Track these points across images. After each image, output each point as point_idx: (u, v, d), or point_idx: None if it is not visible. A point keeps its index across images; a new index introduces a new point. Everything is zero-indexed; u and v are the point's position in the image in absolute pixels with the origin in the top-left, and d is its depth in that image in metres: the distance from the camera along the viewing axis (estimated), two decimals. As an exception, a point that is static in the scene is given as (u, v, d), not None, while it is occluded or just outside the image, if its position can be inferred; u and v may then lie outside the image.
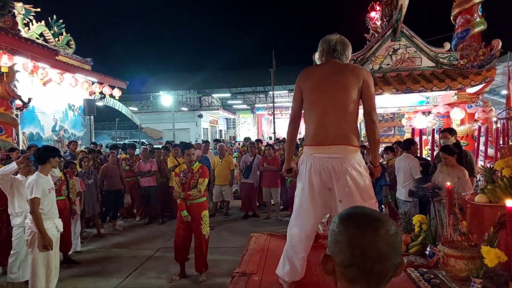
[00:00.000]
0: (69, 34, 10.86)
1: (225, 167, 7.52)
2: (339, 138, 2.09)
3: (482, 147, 6.97)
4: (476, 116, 7.70)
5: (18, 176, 4.03)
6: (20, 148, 7.96)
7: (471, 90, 7.41)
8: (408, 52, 7.59)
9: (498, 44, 7.04)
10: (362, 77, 2.13)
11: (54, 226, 3.68)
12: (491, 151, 6.71)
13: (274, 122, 15.76)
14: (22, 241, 4.02)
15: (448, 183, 2.72)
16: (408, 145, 5.12)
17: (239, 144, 10.89)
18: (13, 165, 3.92)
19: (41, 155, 3.68)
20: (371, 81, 2.19)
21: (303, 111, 2.33)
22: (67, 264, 4.98)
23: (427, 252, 2.74)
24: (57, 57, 8.69)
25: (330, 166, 2.08)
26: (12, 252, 4.09)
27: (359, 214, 0.86)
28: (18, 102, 7.66)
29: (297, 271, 2.21)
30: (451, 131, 5.29)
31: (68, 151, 7.86)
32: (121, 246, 5.78)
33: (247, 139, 10.57)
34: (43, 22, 9.68)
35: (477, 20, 7.68)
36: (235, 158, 9.51)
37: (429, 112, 8.88)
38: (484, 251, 2.04)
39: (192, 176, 4.32)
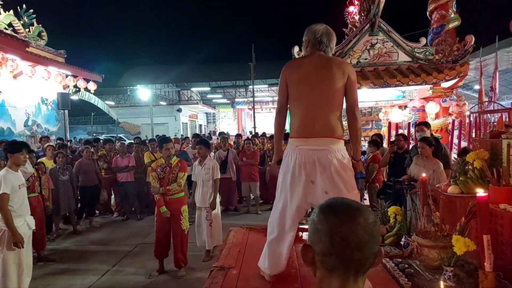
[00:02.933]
0: (40, 25, 10.39)
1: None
2: (324, 130, 2.11)
3: (455, 140, 7.21)
4: (450, 110, 7.95)
5: None
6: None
7: (445, 84, 7.63)
8: (385, 47, 7.72)
9: (471, 39, 7.26)
10: (347, 72, 2.15)
11: (25, 223, 3.53)
12: (464, 144, 6.95)
13: (254, 117, 15.74)
14: None
15: (424, 175, 2.79)
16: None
17: (217, 138, 10.76)
18: None
19: (8, 150, 3.50)
20: (354, 77, 2.21)
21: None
22: (42, 263, 4.83)
23: (402, 243, 2.81)
24: (27, 49, 8.31)
25: (315, 158, 2.10)
26: None
27: (339, 204, 0.88)
28: (-15, 95, 7.31)
29: (279, 264, 2.22)
30: (426, 125, 5.42)
31: (41, 147, 7.58)
32: (98, 243, 5.65)
33: (221, 134, 10.48)
34: (11, 11, 9.21)
35: (452, 16, 7.89)
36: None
37: (405, 106, 9.10)
38: (454, 240, 2.10)
39: (171, 170, 4.24)
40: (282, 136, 2.49)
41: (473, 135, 6.79)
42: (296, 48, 7.52)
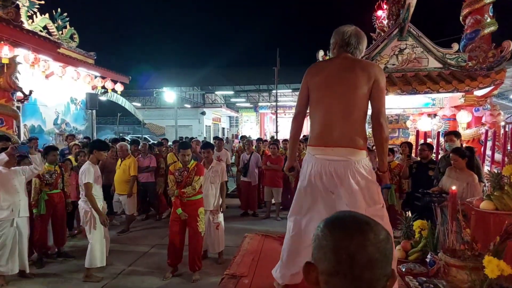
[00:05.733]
0: (73, 28, 10.76)
1: (122, 172, 6.28)
2: (343, 139, 1.96)
3: (488, 152, 6.80)
4: (483, 120, 7.52)
5: (1, 168, 3.95)
6: (21, 140, 7.91)
7: (479, 92, 7.24)
8: (415, 52, 7.42)
9: (509, 45, 6.86)
10: (373, 75, 1.98)
11: (101, 207, 4.30)
12: (498, 156, 6.54)
13: (276, 121, 15.62)
14: (9, 235, 3.96)
15: (453, 187, 2.58)
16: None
17: (239, 142, 10.78)
18: (3, 156, 3.84)
19: (95, 147, 4.37)
20: (383, 80, 2.02)
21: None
22: (61, 258, 4.92)
23: (427, 260, 2.62)
24: (59, 50, 8.60)
25: (332, 169, 1.95)
26: None
27: (346, 217, 0.78)
28: (19, 94, 7.59)
29: (293, 275, 2.09)
30: (456, 134, 5.14)
31: (68, 145, 7.80)
32: (116, 242, 5.69)
33: (243, 138, 10.45)
34: (47, 15, 9.60)
35: (488, 20, 7.49)
36: (233, 157, 9.42)
37: (435, 115, 8.71)
38: (485, 261, 1.91)
39: (188, 174, 4.24)
40: (297, 142, 2.36)
41: (509, 147, 6.38)
42: (321, 53, 7.37)
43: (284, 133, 17.30)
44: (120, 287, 4.08)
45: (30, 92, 7.90)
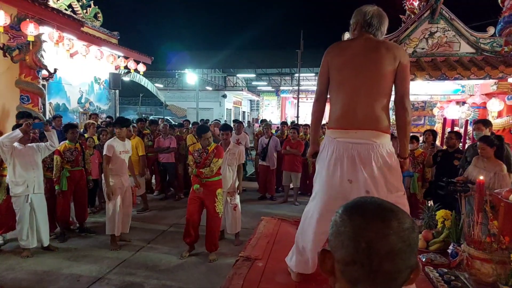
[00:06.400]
0: (97, 7, 10.85)
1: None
2: (368, 121, 1.88)
3: (520, 142, 6.46)
4: (516, 109, 7.13)
5: (17, 144, 4.05)
6: (47, 117, 8.15)
7: (513, 79, 6.83)
8: (446, 36, 7.05)
9: (549, 29, 6.39)
10: (398, 57, 1.90)
11: (120, 181, 4.62)
12: (529, 147, 6.21)
13: (298, 106, 15.39)
14: (25, 210, 4.11)
15: (481, 177, 2.45)
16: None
17: (259, 126, 10.74)
18: (18, 133, 3.93)
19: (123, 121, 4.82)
20: (407, 63, 1.94)
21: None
22: (83, 234, 5.09)
23: (449, 251, 2.53)
24: (83, 29, 8.69)
25: (355, 153, 1.87)
26: (17, 220, 4.17)
27: (368, 203, 0.72)
28: (44, 72, 7.76)
29: (306, 264, 2.05)
30: (485, 123, 4.91)
31: (84, 125, 7.97)
32: (136, 220, 5.82)
33: (263, 121, 10.37)
34: (72, -7, 9.71)
35: (528, 2, 6.99)
36: (252, 141, 9.38)
37: (464, 102, 8.33)
38: (514, 256, 1.82)
39: (207, 156, 4.25)
40: (319, 126, 2.28)
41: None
42: (347, 35, 7.10)
43: (305, 118, 17.07)
44: (139, 264, 4.19)
45: (55, 70, 8.06)
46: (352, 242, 0.67)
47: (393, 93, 2.00)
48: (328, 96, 2.11)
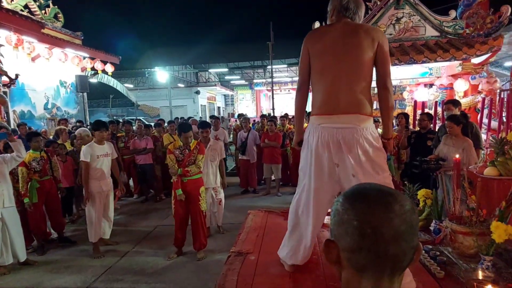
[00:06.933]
0: (56, 6, 10.36)
1: None
2: (350, 106, 1.90)
3: (485, 120, 6.79)
4: (479, 88, 7.47)
5: None
6: (11, 126, 7.75)
7: (476, 60, 7.16)
8: (412, 21, 7.27)
9: (507, 10, 6.72)
10: (377, 39, 1.91)
11: (99, 185, 4.47)
12: (494, 124, 6.54)
13: (272, 98, 15.43)
14: None
15: (456, 155, 2.55)
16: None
17: (235, 120, 10.75)
18: None
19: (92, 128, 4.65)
20: (386, 44, 1.96)
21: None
22: (62, 243, 4.91)
23: (431, 228, 2.63)
24: (43, 30, 8.29)
25: (340, 137, 1.89)
26: None
27: (368, 189, 0.72)
28: (4, 78, 7.36)
29: (299, 256, 2.05)
30: (454, 103, 5.10)
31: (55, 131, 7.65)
32: (118, 225, 5.66)
33: (241, 116, 10.34)
34: (28, -7, 9.20)
35: (485, -15, 7.30)
36: (231, 136, 9.34)
37: (432, 84, 8.64)
38: (493, 227, 1.91)
39: (190, 153, 4.19)
40: (303, 115, 2.29)
41: (504, 114, 6.36)
42: (317, 24, 7.17)
43: (280, 109, 17.14)
44: (125, 269, 4.09)
45: (16, 76, 7.66)
46: (357, 229, 0.67)
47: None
48: (310, 84, 2.12)
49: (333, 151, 1.91)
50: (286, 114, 9.51)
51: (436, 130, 5.20)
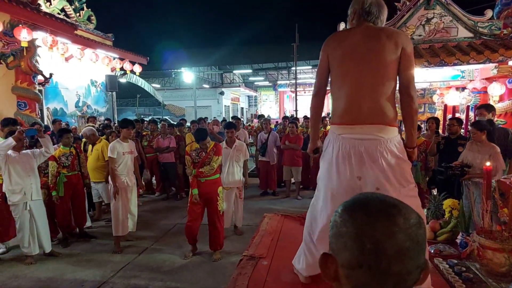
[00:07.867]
0: (90, 9, 10.76)
1: (96, 158, 5.49)
2: (374, 115, 1.79)
3: (522, 126, 6.39)
4: (517, 92, 7.05)
5: (10, 152, 4.00)
6: (45, 123, 8.09)
7: (513, 62, 6.74)
8: (443, 22, 6.95)
9: (548, 10, 6.29)
10: (401, 43, 1.80)
11: (125, 180, 4.64)
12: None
13: (296, 100, 15.30)
14: (25, 218, 4.09)
15: (487, 163, 2.38)
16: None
17: (257, 122, 10.71)
18: (11, 141, 3.87)
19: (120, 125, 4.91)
20: (411, 49, 1.84)
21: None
22: (82, 238, 5.03)
23: (458, 241, 2.47)
24: (76, 32, 8.61)
25: (362, 149, 1.79)
26: (17, 228, 4.15)
27: (369, 199, 0.66)
28: (40, 77, 7.69)
29: (316, 266, 1.96)
30: (488, 108, 4.84)
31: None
32: (139, 222, 5.76)
33: (261, 117, 10.30)
34: (64, -3, 9.59)
35: (526, -17, 6.88)
36: (251, 137, 9.29)
37: (464, 88, 8.24)
38: (527, 243, 1.76)
39: (206, 155, 4.20)
40: (319, 122, 2.20)
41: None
42: (342, 25, 7.01)
43: (304, 111, 16.97)
44: (143, 266, 4.14)
45: (51, 75, 7.99)
46: (356, 243, 0.62)
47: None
48: (329, 89, 2.04)
49: (354, 163, 1.81)
50: (307, 117, 9.37)
51: (467, 135, 4.94)
